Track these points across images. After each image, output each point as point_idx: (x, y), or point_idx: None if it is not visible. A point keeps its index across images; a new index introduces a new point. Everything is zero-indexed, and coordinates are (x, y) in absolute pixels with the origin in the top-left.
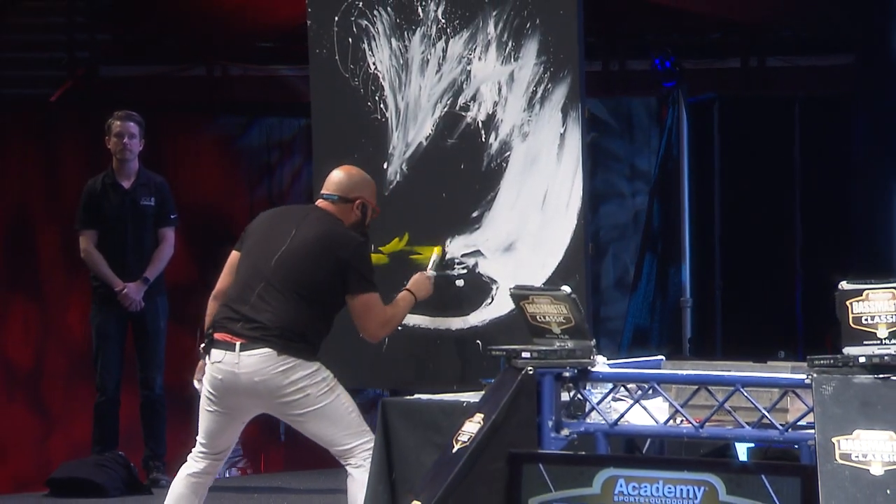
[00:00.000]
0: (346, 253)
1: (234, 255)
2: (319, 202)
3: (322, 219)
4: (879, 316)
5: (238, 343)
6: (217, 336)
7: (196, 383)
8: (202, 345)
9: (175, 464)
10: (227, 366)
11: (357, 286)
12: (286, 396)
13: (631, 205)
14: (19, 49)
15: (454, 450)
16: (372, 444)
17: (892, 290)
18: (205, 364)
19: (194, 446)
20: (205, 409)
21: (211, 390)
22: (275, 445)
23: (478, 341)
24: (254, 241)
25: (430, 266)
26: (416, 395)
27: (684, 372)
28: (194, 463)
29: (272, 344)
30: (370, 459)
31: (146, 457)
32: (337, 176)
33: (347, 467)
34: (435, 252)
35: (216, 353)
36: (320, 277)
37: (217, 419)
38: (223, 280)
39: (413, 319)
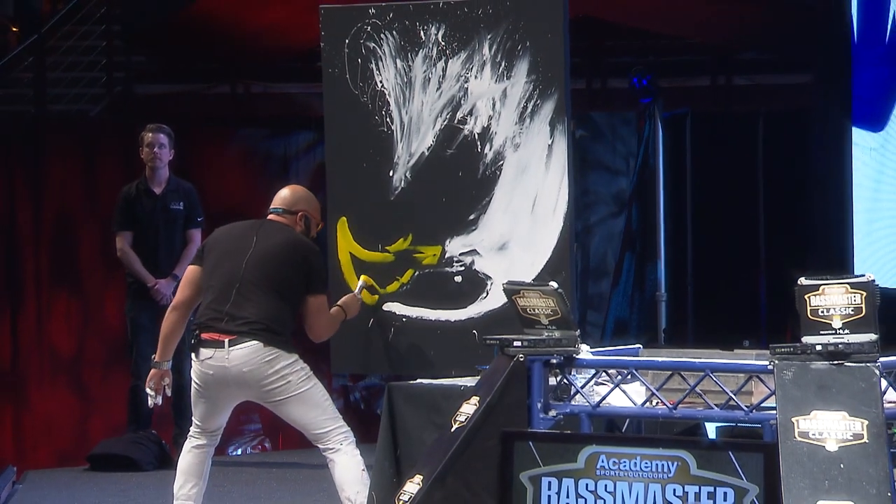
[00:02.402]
0: (310, 256)
1: (194, 269)
2: (270, 216)
3: (280, 227)
4: (834, 308)
5: (227, 340)
6: (204, 336)
7: (148, 391)
8: (153, 356)
9: None
10: (217, 361)
11: (317, 288)
12: (270, 385)
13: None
14: (63, 70)
15: (452, 429)
16: (346, 430)
17: (846, 285)
18: (158, 373)
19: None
20: (196, 398)
21: (200, 384)
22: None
23: (474, 331)
24: (219, 252)
25: (356, 291)
26: (419, 380)
27: (659, 359)
28: (195, 440)
29: (258, 337)
30: (346, 443)
31: (175, 434)
32: (283, 193)
33: (326, 453)
34: (362, 279)
35: (205, 352)
36: (290, 275)
37: (208, 407)
38: (181, 292)
39: (416, 312)
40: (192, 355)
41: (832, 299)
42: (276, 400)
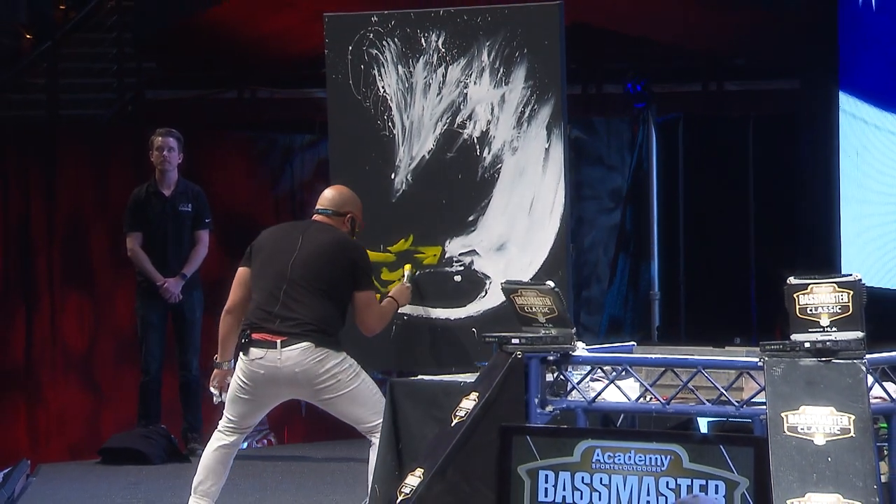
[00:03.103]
0: (356, 255)
1: (244, 271)
2: (316, 216)
3: (326, 228)
4: (822, 307)
5: (279, 340)
6: (255, 336)
7: (213, 390)
8: (215, 356)
9: (209, 435)
10: (268, 361)
11: (364, 284)
12: (321, 383)
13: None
14: (76, 76)
15: (452, 423)
16: None
17: (834, 284)
18: (221, 372)
19: (220, 420)
20: (238, 396)
21: (248, 382)
22: (297, 420)
23: (473, 329)
24: (266, 253)
25: (405, 280)
26: (420, 376)
27: (653, 356)
28: (224, 436)
29: (310, 338)
30: None
31: (184, 429)
32: (330, 193)
33: (372, 438)
34: (407, 269)
35: (256, 352)
36: (337, 275)
37: (250, 406)
38: (234, 294)
39: (417, 311)
40: (241, 354)
41: (820, 298)
42: (326, 398)
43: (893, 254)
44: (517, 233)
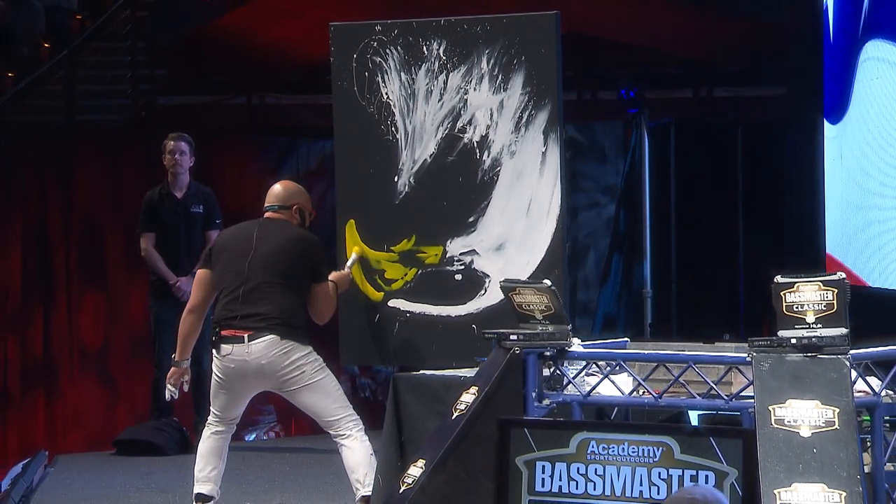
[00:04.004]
0: (313, 248)
1: (204, 273)
2: (266, 213)
3: (280, 225)
4: (808, 304)
5: (246, 335)
6: (224, 333)
7: (169, 387)
8: (174, 355)
9: None
10: (237, 355)
11: (322, 276)
12: (286, 374)
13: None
14: (92, 83)
15: (453, 417)
16: (355, 418)
17: (819, 282)
18: (178, 371)
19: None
20: (218, 391)
21: (222, 377)
22: (303, 413)
23: (473, 326)
24: (227, 255)
25: (349, 264)
26: (422, 371)
27: (646, 351)
28: (213, 426)
29: (275, 331)
30: (356, 429)
31: (195, 422)
32: (276, 190)
33: (338, 439)
34: (354, 252)
35: (225, 348)
36: (296, 269)
37: (228, 398)
38: (195, 296)
39: (419, 308)
40: (214, 351)
41: (806, 296)
42: (291, 389)
43: (876, 252)
44: (515, 233)
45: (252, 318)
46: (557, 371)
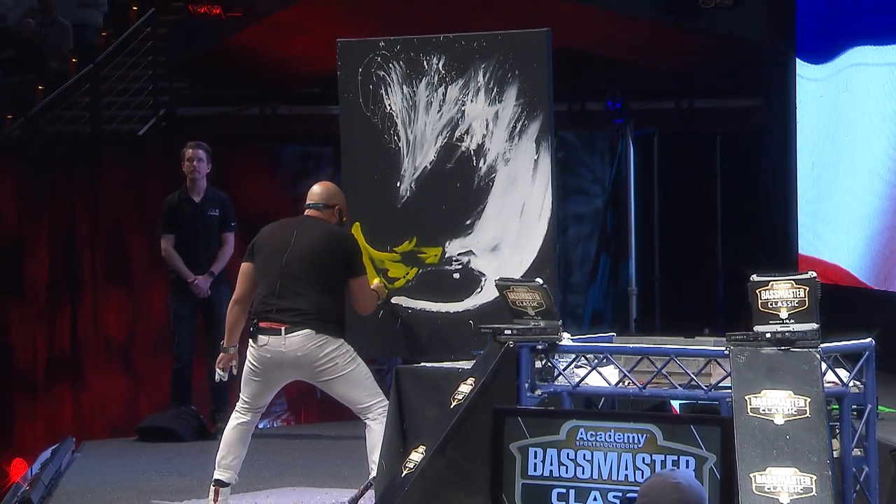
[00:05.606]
0: (349, 245)
1: (247, 266)
2: (308, 211)
3: (318, 222)
4: (782, 301)
5: (283, 328)
6: (262, 325)
7: (218, 370)
8: (222, 341)
9: None
10: (274, 346)
11: (358, 270)
12: (321, 366)
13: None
14: (115, 95)
15: (451, 406)
16: (385, 403)
17: (792, 281)
18: (227, 356)
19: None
20: (251, 378)
21: (258, 366)
22: (313, 401)
23: (470, 321)
24: (267, 250)
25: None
26: (423, 363)
27: (631, 345)
28: (241, 415)
29: (311, 325)
30: (384, 414)
31: (212, 411)
32: (318, 189)
33: (366, 421)
34: (377, 281)
35: (263, 338)
36: (333, 266)
37: (261, 387)
38: (240, 287)
39: (420, 304)
40: (251, 341)
41: (780, 293)
42: (324, 379)
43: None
44: (509, 235)
45: (288, 313)
46: (549, 363)
